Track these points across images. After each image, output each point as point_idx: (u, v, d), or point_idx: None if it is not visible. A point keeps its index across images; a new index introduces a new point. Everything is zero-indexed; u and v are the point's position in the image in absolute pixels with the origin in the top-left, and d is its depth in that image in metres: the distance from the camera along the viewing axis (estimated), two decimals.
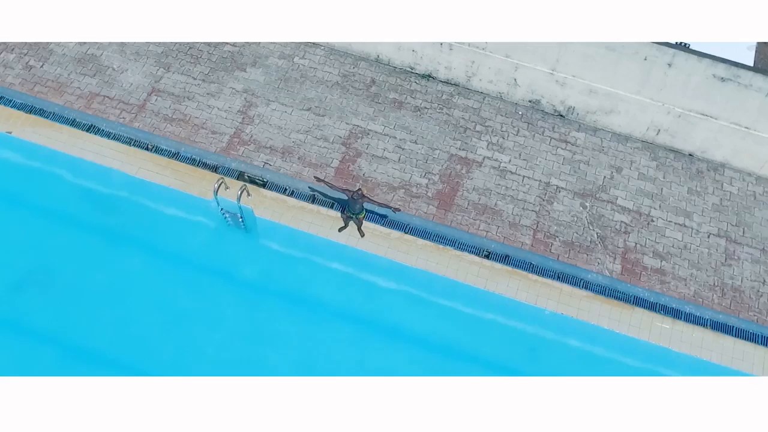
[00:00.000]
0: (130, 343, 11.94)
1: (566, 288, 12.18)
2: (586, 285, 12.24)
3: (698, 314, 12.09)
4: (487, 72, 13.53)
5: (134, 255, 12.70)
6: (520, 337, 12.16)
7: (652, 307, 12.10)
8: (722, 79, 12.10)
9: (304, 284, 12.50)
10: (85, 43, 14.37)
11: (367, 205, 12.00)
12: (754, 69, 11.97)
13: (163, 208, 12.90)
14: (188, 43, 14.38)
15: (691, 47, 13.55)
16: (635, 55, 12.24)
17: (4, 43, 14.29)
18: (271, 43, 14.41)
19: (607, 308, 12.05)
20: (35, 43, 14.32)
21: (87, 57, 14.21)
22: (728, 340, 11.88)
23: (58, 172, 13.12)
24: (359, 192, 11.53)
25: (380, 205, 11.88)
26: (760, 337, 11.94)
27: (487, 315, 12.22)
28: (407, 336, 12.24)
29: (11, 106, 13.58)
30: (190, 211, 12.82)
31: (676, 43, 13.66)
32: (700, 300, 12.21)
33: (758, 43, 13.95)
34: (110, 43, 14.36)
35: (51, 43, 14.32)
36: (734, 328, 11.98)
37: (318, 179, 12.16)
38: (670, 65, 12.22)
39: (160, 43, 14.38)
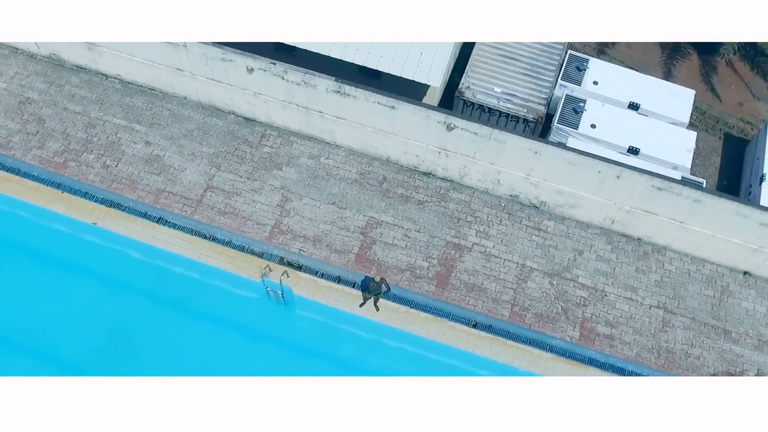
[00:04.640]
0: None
1: (535, 351, 15.64)
2: (551, 349, 15.70)
3: (638, 372, 15.55)
4: (476, 173, 16.86)
5: (196, 323, 16.20)
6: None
7: (602, 366, 15.57)
8: (659, 189, 15.41)
9: (332, 347, 16.00)
10: (150, 143, 17.71)
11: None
12: (682, 182, 15.29)
13: (219, 285, 16.36)
14: (234, 144, 17.73)
15: (640, 152, 16.91)
16: (591, 168, 15.55)
17: (85, 144, 17.65)
18: (302, 144, 17.75)
19: (567, 367, 15.52)
20: (110, 144, 17.68)
21: (152, 157, 17.57)
22: None
23: (136, 256, 16.56)
24: (375, 280, 14.98)
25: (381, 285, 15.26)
26: None
27: (473, 372, 15.68)
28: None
29: (95, 201, 17.00)
30: (241, 288, 16.27)
31: (628, 148, 17.01)
32: (641, 360, 15.66)
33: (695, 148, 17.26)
34: (170, 144, 17.71)
35: (123, 145, 17.68)
36: None
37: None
38: (618, 177, 15.52)
39: (211, 144, 17.73)
